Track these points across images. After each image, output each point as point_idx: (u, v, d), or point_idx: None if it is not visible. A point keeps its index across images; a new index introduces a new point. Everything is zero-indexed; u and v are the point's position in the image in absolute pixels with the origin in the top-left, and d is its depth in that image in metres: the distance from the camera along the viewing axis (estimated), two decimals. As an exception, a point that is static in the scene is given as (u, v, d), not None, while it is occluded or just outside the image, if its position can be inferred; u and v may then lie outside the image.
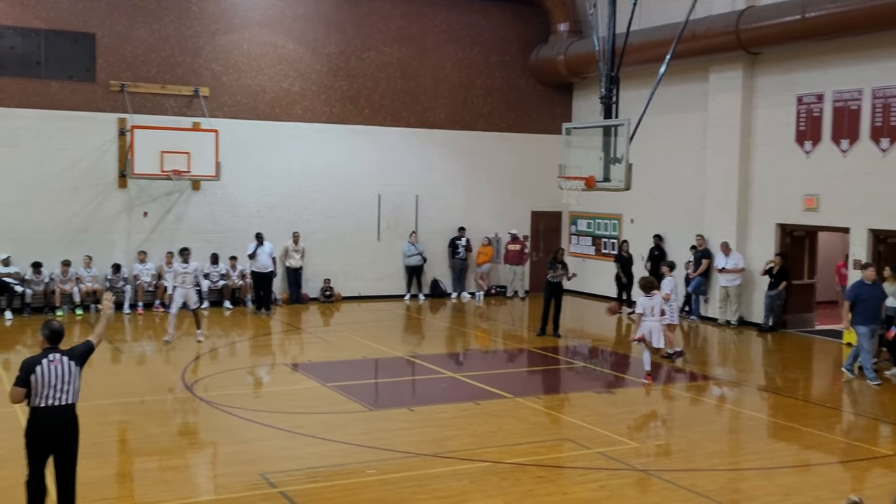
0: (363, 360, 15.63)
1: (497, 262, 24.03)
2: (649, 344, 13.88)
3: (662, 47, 16.72)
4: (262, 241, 20.21)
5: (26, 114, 19.30)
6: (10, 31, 19.12)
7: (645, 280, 14.35)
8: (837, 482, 9.44)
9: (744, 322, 19.41)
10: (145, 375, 14.43)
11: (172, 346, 16.23)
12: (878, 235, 17.14)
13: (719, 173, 19.83)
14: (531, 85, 24.29)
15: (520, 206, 24.33)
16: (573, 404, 12.73)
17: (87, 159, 19.88)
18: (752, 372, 15.67)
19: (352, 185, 22.35)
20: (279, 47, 21.52)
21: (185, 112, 20.61)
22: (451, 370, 14.92)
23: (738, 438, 11.54)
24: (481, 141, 23.79)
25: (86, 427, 10.96)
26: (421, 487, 9.02)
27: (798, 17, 17.26)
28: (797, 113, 18.37)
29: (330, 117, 22.10)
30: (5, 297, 18.88)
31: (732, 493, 9.13)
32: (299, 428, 11.03)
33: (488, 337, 18.74)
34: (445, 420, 11.60)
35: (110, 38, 19.94)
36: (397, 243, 22.99)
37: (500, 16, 23.89)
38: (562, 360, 16.17)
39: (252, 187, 21.33)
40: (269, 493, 8.76)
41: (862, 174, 17.15)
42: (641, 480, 9.45)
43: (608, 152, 14.59)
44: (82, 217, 19.90)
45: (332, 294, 22.05)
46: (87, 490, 8.72)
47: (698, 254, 19.98)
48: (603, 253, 23.69)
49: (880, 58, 16.80)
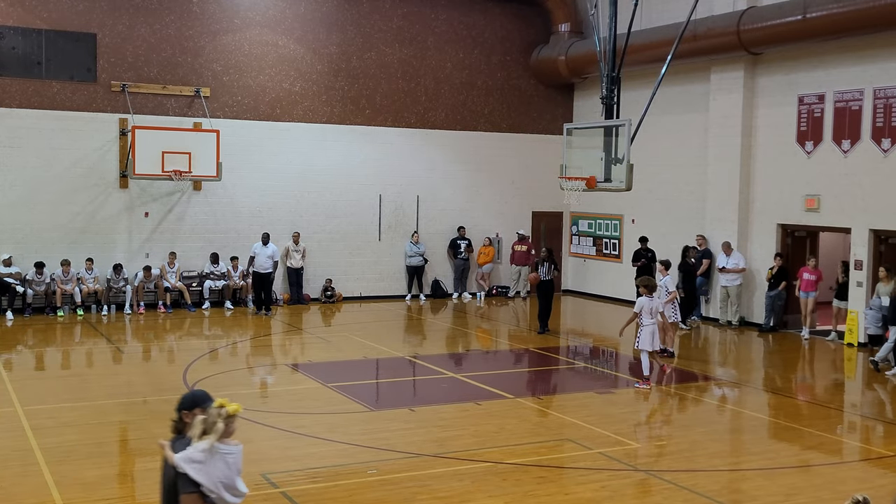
0: (364, 360, 15.63)
1: (498, 263, 24.03)
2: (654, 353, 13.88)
3: (664, 47, 16.73)
4: (265, 242, 20.25)
5: (27, 114, 19.31)
6: (11, 31, 19.13)
7: (647, 280, 14.30)
8: (839, 482, 9.42)
9: (745, 322, 19.41)
10: (147, 375, 14.43)
11: (172, 346, 16.22)
12: (879, 236, 17.13)
13: (720, 173, 19.82)
14: (532, 85, 24.29)
15: (521, 206, 24.33)
16: (574, 404, 12.72)
17: (89, 160, 19.88)
18: (753, 372, 15.67)
19: (353, 186, 22.36)
20: (280, 47, 21.53)
21: (186, 112, 20.62)
22: (452, 370, 14.92)
23: (739, 439, 11.54)
24: (482, 141, 23.79)
25: (88, 427, 11.02)
26: (422, 488, 9.02)
27: (799, 18, 17.26)
28: (798, 113, 18.37)
29: (331, 117, 22.10)
30: (6, 297, 18.88)
31: (734, 494, 9.13)
32: (300, 428, 11.04)
33: (489, 337, 18.74)
34: (447, 420, 11.60)
35: (111, 39, 19.95)
36: (398, 243, 22.99)
37: (501, 16, 23.89)
38: (563, 361, 16.16)
39: (253, 187, 21.34)
40: (271, 494, 8.76)
41: (863, 174, 17.15)
42: (643, 481, 9.44)
43: (609, 153, 14.58)
44: (83, 217, 19.91)
45: (334, 294, 22.05)
46: (89, 490, 8.74)
47: (699, 254, 19.97)
48: (604, 253, 23.69)
49: (881, 58, 16.80)
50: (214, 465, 4.77)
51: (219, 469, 4.79)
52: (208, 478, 4.74)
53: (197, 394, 5.18)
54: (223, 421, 4.81)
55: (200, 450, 4.74)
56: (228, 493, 4.80)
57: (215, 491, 4.76)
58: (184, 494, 4.80)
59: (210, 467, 4.75)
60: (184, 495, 4.79)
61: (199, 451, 4.74)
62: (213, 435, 4.76)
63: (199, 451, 4.74)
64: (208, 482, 4.76)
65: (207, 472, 4.73)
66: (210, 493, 4.78)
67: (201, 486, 4.76)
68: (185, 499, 4.77)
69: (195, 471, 4.73)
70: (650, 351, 13.76)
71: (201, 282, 20.72)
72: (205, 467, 4.73)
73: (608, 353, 17.17)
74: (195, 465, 4.69)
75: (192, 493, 4.75)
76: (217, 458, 4.80)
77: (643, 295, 13.99)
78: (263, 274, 20.11)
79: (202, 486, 4.77)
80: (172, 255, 20.24)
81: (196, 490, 4.75)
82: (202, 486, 4.77)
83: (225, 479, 4.83)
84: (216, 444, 4.77)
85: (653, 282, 14.26)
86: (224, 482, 4.82)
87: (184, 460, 4.75)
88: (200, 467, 4.72)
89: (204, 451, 4.70)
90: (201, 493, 4.78)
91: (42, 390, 13.10)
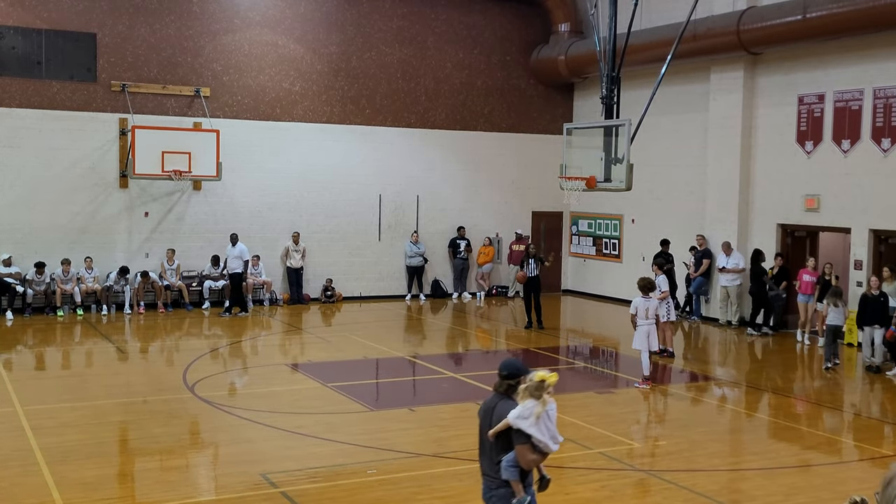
0: (364, 360, 15.63)
1: (498, 263, 24.03)
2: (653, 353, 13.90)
3: (663, 47, 16.72)
4: (234, 242, 20.01)
5: (27, 114, 19.32)
6: (10, 31, 19.14)
7: (645, 281, 14.27)
8: (838, 483, 9.43)
9: (745, 322, 19.41)
10: (147, 375, 14.43)
11: (172, 345, 16.22)
12: (879, 236, 17.13)
13: (720, 173, 19.82)
14: (532, 85, 24.30)
15: (520, 206, 24.34)
16: (574, 404, 12.70)
17: (88, 159, 19.89)
18: (753, 372, 15.66)
19: (353, 186, 22.36)
20: (280, 47, 21.53)
21: (186, 112, 20.62)
22: (451, 370, 14.92)
23: (738, 439, 11.54)
24: (482, 141, 23.79)
25: (88, 427, 11.03)
26: (422, 487, 9.03)
27: (799, 18, 17.26)
28: (798, 113, 18.37)
29: (331, 117, 22.10)
30: (6, 297, 18.88)
31: (733, 494, 9.14)
32: (300, 428, 11.04)
33: (489, 337, 18.74)
34: (446, 420, 11.60)
35: (111, 39, 19.95)
36: (398, 243, 23.00)
37: (500, 16, 23.89)
38: (562, 360, 16.16)
39: (253, 187, 21.34)
40: (270, 493, 8.77)
41: (863, 174, 17.15)
42: (642, 481, 9.45)
43: (609, 152, 14.58)
44: (83, 217, 19.92)
45: (333, 294, 22.05)
46: (89, 490, 8.74)
47: (699, 254, 19.98)
48: (604, 253, 23.70)
49: (881, 58, 16.80)
50: (541, 421, 5.95)
51: (543, 423, 5.97)
52: (538, 430, 5.93)
53: (518, 364, 6.36)
54: (544, 387, 5.99)
55: (529, 408, 5.91)
56: (551, 441, 6.01)
57: (542, 440, 5.93)
58: (518, 445, 5.97)
59: (539, 423, 5.93)
60: (518, 446, 5.97)
61: (528, 409, 5.92)
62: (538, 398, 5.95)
63: (528, 409, 5.92)
64: (538, 433, 5.93)
65: (537, 426, 5.92)
66: (538, 442, 5.95)
67: (531, 437, 5.92)
68: (519, 449, 5.97)
69: (527, 425, 5.92)
70: (651, 351, 13.79)
71: (201, 282, 20.72)
72: (534, 422, 5.91)
73: (608, 352, 17.18)
74: (526, 421, 5.90)
75: (525, 444, 5.95)
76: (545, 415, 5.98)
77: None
78: (232, 275, 19.89)
79: (532, 438, 5.92)
80: (171, 252, 20.21)
81: (528, 441, 5.93)
82: (532, 437, 5.92)
83: (550, 433, 6.01)
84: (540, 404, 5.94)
85: (648, 282, 14.23)
86: (550, 435, 6.01)
87: (516, 418, 5.94)
88: (531, 422, 5.90)
89: (532, 409, 5.90)
90: (532, 444, 5.95)
91: (42, 390, 13.10)
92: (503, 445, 6.06)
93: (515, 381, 6.15)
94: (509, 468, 6.05)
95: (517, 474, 6.05)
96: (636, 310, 13.81)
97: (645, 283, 14.10)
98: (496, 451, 6.11)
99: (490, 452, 6.16)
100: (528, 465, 6.04)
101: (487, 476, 6.22)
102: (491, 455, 6.16)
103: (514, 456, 6.02)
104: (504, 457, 6.05)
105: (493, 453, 6.13)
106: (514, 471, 6.04)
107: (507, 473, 6.06)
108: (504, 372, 6.23)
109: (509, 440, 6.02)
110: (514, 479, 6.05)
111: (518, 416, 5.95)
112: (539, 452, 6.01)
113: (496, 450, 6.10)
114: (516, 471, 6.04)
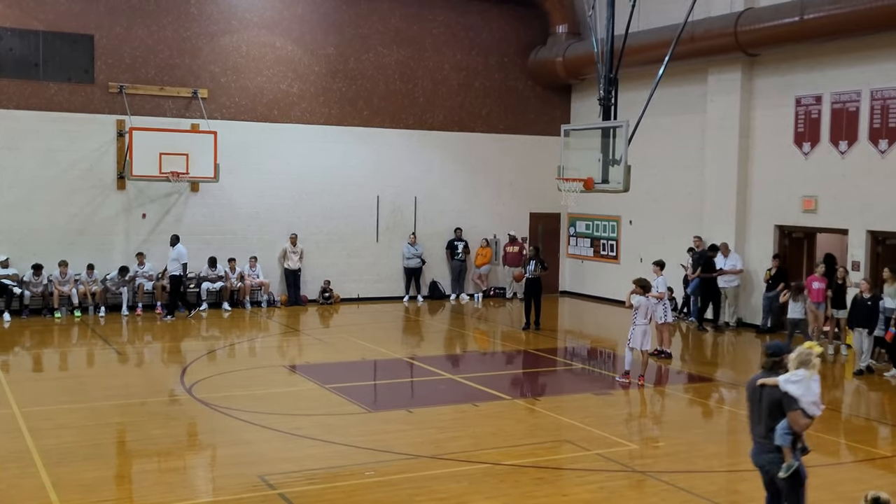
0: (362, 361, 15.63)
1: (496, 264, 24.03)
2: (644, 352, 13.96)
3: (661, 49, 16.72)
4: (172, 244, 19.38)
5: (25, 115, 19.29)
6: (8, 32, 19.12)
7: (643, 280, 14.30)
8: (837, 483, 9.44)
9: (742, 323, 19.42)
10: (145, 377, 14.41)
11: (170, 347, 16.21)
12: (876, 237, 17.15)
13: (718, 175, 19.84)
14: (530, 87, 24.30)
15: (518, 207, 24.34)
16: (572, 406, 12.72)
17: (86, 161, 19.87)
18: (751, 373, 15.63)
19: (350, 187, 22.35)
20: (278, 49, 21.53)
21: (183, 114, 20.61)
22: (449, 372, 14.92)
23: (736, 440, 11.53)
24: (480, 142, 23.80)
25: (85, 429, 11.01)
26: (420, 489, 9.02)
27: (796, 19, 17.27)
28: (795, 114, 18.39)
29: (328, 119, 22.10)
30: (3, 298, 18.85)
31: (731, 495, 9.14)
32: (298, 430, 11.03)
33: (487, 338, 18.74)
34: (444, 422, 11.60)
35: (109, 40, 19.94)
36: (396, 245, 22.99)
37: (498, 17, 23.90)
38: (560, 362, 16.16)
39: (251, 189, 21.32)
40: (268, 495, 8.76)
41: (860, 175, 17.16)
42: (640, 482, 9.45)
43: (607, 154, 14.59)
44: (81, 219, 19.89)
45: (331, 296, 22.04)
46: (87, 491, 8.74)
47: (696, 255, 19.97)
48: (602, 255, 23.70)
49: (879, 59, 16.82)
50: (808, 386, 6.85)
51: (811, 389, 6.86)
52: (806, 394, 6.82)
53: (781, 345, 7.39)
54: (814, 357, 6.88)
55: (798, 374, 6.85)
56: (816, 407, 6.88)
57: (808, 405, 6.80)
58: (790, 412, 6.87)
59: (806, 387, 6.83)
60: (790, 412, 6.87)
61: (797, 375, 6.86)
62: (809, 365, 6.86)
63: (797, 375, 6.86)
64: (805, 397, 6.82)
65: (805, 390, 6.81)
66: (807, 406, 6.82)
67: (799, 402, 6.80)
68: (791, 415, 6.87)
69: (795, 387, 6.83)
70: (644, 350, 13.84)
71: (199, 283, 20.69)
72: (802, 386, 6.82)
73: (605, 354, 17.18)
74: (795, 385, 6.81)
75: (797, 410, 6.83)
76: (811, 382, 6.88)
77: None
78: (171, 276, 19.38)
79: (800, 403, 6.80)
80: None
81: (798, 407, 6.82)
82: (800, 402, 6.80)
83: (814, 397, 6.87)
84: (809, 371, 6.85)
85: (646, 281, 14.26)
86: (814, 400, 6.87)
87: (786, 382, 6.89)
88: (799, 386, 6.82)
89: (801, 375, 6.83)
90: (802, 409, 6.81)
91: (39, 392, 13.08)
92: (776, 416, 6.97)
93: (780, 357, 7.15)
94: (784, 435, 6.94)
95: (790, 441, 6.94)
96: (639, 304, 13.79)
97: (645, 282, 14.14)
98: (770, 420, 7.02)
99: (765, 420, 7.08)
100: (801, 428, 6.91)
101: (759, 442, 7.20)
102: (765, 422, 7.08)
103: (786, 423, 6.91)
104: (778, 425, 6.95)
105: (767, 421, 7.05)
106: (788, 437, 6.93)
107: (781, 440, 6.96)
108: (769, 351, 7.27)
109: (782, 411, 6.91)
110: (787, 446, 6.93)
111: (786, 379, 6.89)
112: (807, 417, 6.85)
113: (770, 419, 7.02)
114: (790, 437, 6.93)
